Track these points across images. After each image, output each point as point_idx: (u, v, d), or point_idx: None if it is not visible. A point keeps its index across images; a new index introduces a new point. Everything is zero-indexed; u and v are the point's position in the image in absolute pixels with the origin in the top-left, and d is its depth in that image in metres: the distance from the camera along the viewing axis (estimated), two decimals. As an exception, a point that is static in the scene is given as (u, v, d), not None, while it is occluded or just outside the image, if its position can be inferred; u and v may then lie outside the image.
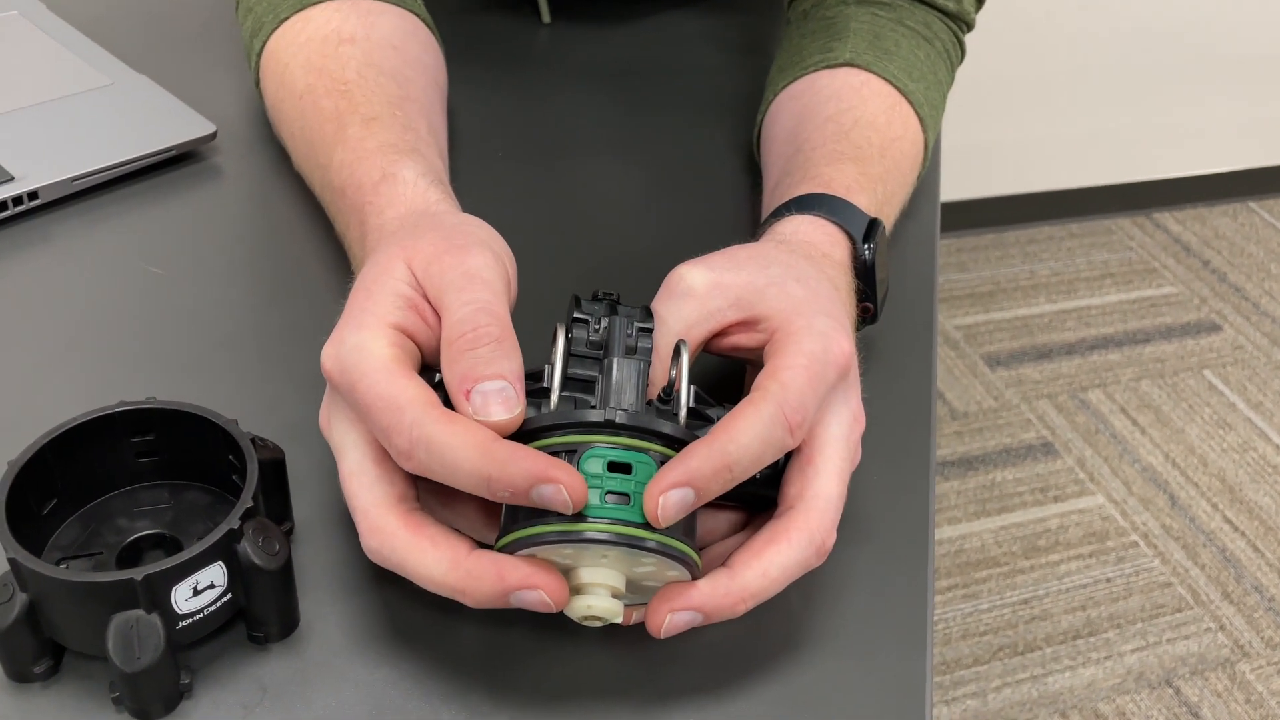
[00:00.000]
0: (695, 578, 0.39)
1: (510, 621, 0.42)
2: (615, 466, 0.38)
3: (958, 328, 1.99)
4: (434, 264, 0.41)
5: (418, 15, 0.64)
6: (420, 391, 0.38)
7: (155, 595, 0.37)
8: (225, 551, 0.38)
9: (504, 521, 0.39)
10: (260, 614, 0.41)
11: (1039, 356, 1.95)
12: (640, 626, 0.40)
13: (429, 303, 0.41)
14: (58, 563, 0.41)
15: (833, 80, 0.62)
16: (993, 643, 1.49)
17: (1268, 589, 1.58)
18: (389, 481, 0.39)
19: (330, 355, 0.40)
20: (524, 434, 0.38)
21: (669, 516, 0.37)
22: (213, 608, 0.39)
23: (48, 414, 0.44)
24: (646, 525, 0.37)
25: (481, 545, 0.39)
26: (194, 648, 0.41)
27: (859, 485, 0.45)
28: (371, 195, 0.51)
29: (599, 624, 0.39)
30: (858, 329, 0.42)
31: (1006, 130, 2.14)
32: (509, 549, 0.38)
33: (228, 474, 0.43)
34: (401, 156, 0.52)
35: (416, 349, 0.41)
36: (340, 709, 0.40)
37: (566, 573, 0.39)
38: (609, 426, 0.38)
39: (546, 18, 0.80)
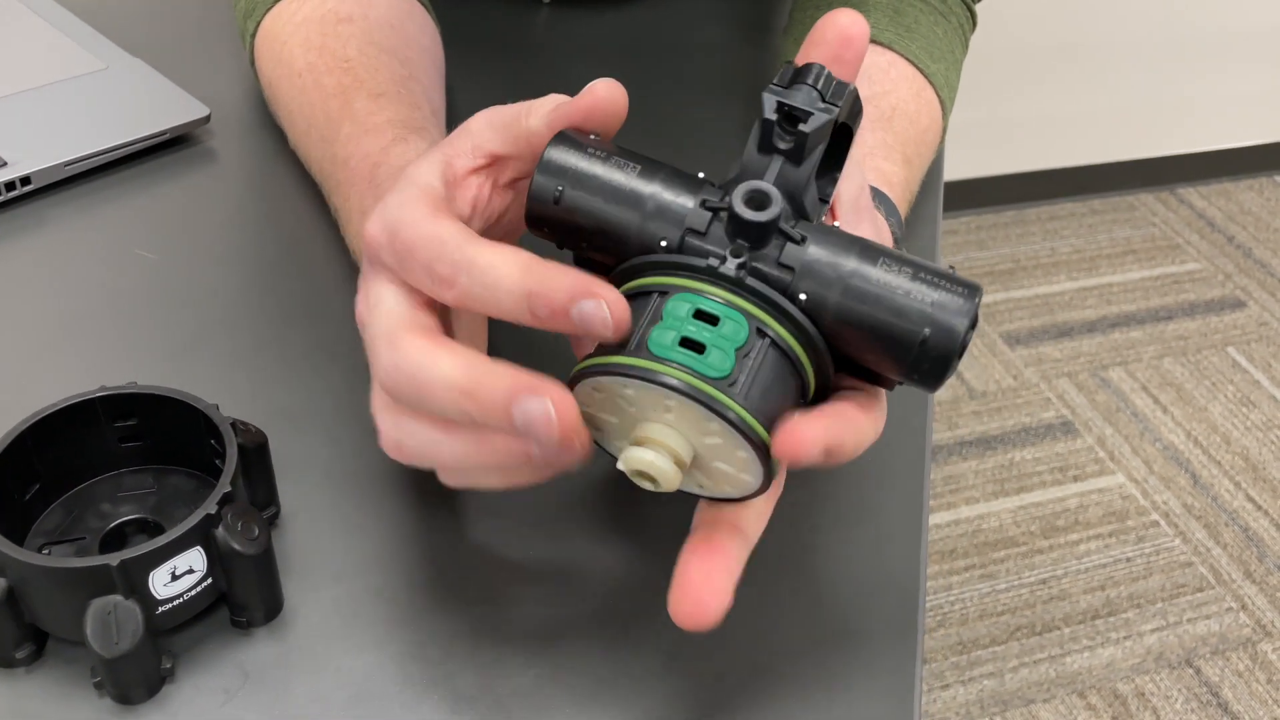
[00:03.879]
0: (768, 474, 0.35)
1: (496, 607, 0.42)
2: (703, 315, 0.35)
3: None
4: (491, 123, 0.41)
5: None
6: (463, 227, 0.37)
7: (133, 580, 0.37)
8: (203, 536, 0.38)
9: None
10: (242, 599, 0.40)
11: (1059, 334, 1.93)
12: (632, 606, 0.39)
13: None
14: (41, 548, 0.41)
15: None
16: (1010, 623, 1.48)
17: (1291, 568, 1.56)
18: (420, 313, 0.38)
19: (374, 221, 0.39)
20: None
21: (797, 459, 0.35)
22: (193, 593, 0.39)
23: (35, 399, 0.43)
24: (727, 390, 0.34)
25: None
26: (176, 632, 0.40)
27: (852, 468, 0.44)
28: (381, 157, 0.50)
29: (650, 486, 0.36)
30: None
31: (1027, 105, 2.11)
32: (576, 380, 0.36)
33: (211, 459, 0.43)
34: (410, 133, 0.52)
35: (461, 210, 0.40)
36: (322, 694, 0.39)
37: (629, 426, 0.37)
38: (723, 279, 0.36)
39: (546, -5, 0.79)
